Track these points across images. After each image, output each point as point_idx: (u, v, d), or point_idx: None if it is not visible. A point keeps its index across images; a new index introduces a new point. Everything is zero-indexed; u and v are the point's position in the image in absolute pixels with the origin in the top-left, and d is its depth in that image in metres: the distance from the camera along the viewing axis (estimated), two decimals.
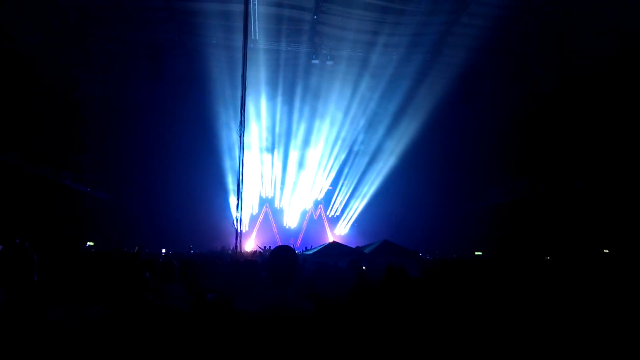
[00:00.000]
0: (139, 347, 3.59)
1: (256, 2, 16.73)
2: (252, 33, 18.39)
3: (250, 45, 16.37)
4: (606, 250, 18.06)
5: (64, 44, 17.96)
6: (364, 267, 9.16)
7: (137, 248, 8.44)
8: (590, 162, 19.88)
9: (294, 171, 27.40)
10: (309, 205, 28.71)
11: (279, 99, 24.38)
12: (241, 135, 14.05)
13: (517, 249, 21.01)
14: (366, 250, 14.82)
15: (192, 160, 24.05)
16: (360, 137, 26.57)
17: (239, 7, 15.58)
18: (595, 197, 18.64)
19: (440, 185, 25.05)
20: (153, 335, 3.70)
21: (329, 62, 20.41)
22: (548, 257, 17.99)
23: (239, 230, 14.29)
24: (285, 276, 2.45)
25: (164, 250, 16.29)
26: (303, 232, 28.03)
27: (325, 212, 29.10)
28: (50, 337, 2.33)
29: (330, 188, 28.46)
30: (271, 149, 27.04)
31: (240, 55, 15.10)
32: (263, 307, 2.32)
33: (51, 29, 16.93)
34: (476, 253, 23.23)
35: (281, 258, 2.48)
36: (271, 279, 2.45)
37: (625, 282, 7.92)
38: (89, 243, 20.38)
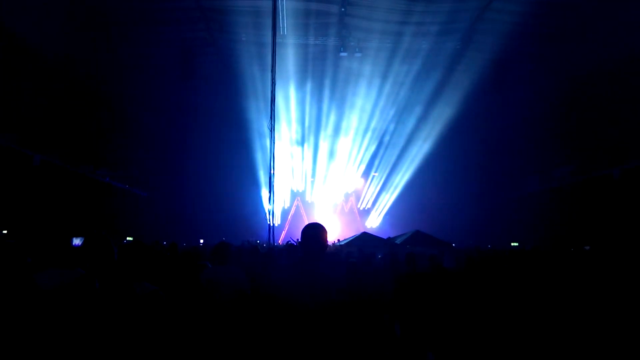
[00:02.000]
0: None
1: None
2: (281, 28, 18.55)
3: (278, 40, 16.56)
4: None
5: (99, 47, 18.62)
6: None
7: (172, 242, 8.83)
8: (630, 150, 19.16)
9: (325, 164, 27.54)
10: (340, 198, 28.80)
11: (308, 92, 24.51)
12: (272, 129, 14.29)
13: (554, 239, 20.49)
14: (397, 241, 14.83)
15: (224, 155, 24.55)
16: (391, 128, 26.40)
17: (267, 4, 15.79)
18: (635, 186, 17.96)
19: (475, 175, 24.62)
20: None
21: (357, 54, 20.37)
22: (587, 247, 17.47)
23: (271, 224, 14.58)
24: (315, 251, 2.60)
25: (202, 241, 16.82)
26: (335, 224, 28.17)
27: (357, 204, 29.14)
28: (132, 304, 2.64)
29: (362, 180, 28.45)
30: (301, 142, 27.25)
31: (269, 50, 15.34)
32: (297, 275, 2.54)
33: (87, 33, 17.57)
34: (512, 244, 22.78)
35: (310, 234, 2.64)
36: (304, 255, 2.64)
37: None
38: (128, 238, 21.10)
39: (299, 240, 2.75)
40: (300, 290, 2.45)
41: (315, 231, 2.66)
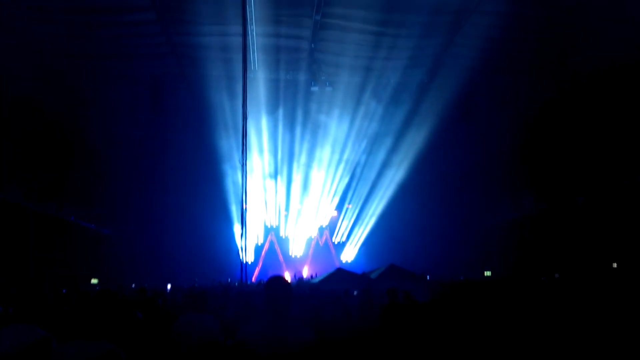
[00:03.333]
0: None
1: (254, 34, 17.07)
2: (252, 63, 18.69)
3: (249, 75, 16.66)
4: (615, 265, 17.79)
5: (66, 81, 18.30)
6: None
7: (141, 287, 8.46)
8: (593, 177, 19.79)
9: (298, 197, 27.36)
10: (314, 232, 28.54)
11: (280, 126, 24.57)
12: (244, 163, 14.14)
13: (525, 267, 20.71)
14: (372, 276, 14.65)
15: (195, 191, 24.09)
16: (363, 161, 26.60)
17: (237, 40, 15.89)
18: (600, 212, 18.47)
19: (446, 205, 24.90)
20: None
21: (328, 89, 20.66)
22: (557, 275, 17.70)
23: (244, 262, 14.21)
24: (281, 305, 2.49)
25: (169, 286, 16.11)
26: (309, 259, 27.77)
27: (331, 238, 28.91)
28: None
29: (336, 213, 28.34)
30: (274, 176, 27.08)
31: (240, 85, 15.36)
32: (262, 336, 2.40)
33: (53, 66, 17.26)
34: (485, 273, 22.89)
35: (275, 287, 2.53)
36: (268, 308, 2.51)
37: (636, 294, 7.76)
38: (93, 281, 20.21)
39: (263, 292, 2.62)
40: (268, 353, 2.32)
41: (280, 283, 2.58)
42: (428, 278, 17.15)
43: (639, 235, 16.13)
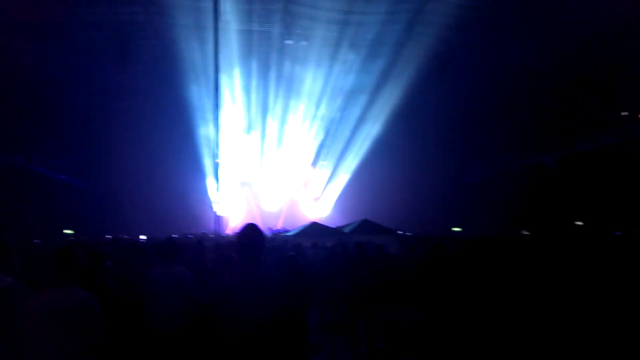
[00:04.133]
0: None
1: None
2: (223, 13, 17.94)
3: (221, 26, 16.04)
4: (579, 223, 18.61)
5: (30, 30, 17.28)
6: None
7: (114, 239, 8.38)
8: (567, 139, 20.32)
9: (273, 153, 27.21)
10: (289, 187, 28.62)
11: (254, 81, 24.02)
12: (216, 117, 13.87)
13: (495, 225, 21.43)
14: (346, 230, 14.91)
15: (166, 143, 23.57)
16: (338, 118, 26.46)
17: None
18: (568, 173, 19.10)
19: (418, 163, 25.23)
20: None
21: (303, 43, 20.14)
22: (525, 232, 18.42)
23: (217, 214, 14.23)
24: (253, 254, 2.52)
25: (142, 237, 16.05)
26: (284, 214, 27.98)
27: (306, 193, 29.09)
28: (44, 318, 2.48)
29: (311, 168, 28.39)
30: (248, 130, 26.73)
31: (211, 36, 14.80)
32: (235, 284, 2.43)
33: (16, 16, 16.23)
34: (454, 229, 23.60)
35: (247, 237, 2.55)
36: (240, 257, 2.56)
37: (596, 250, 8.18)
38: (66, 231, 19.97)
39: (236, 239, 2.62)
40: (241, 301, 2.36)
41: (253, 232, 2.57)
42: (400, 233, 17.57)
43: (603, 196, 16.83)
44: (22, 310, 2.54)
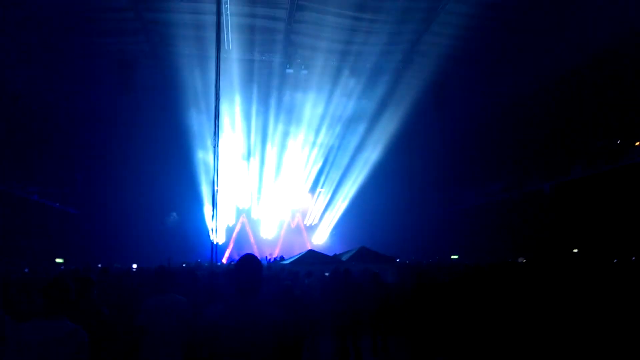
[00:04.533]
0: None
1: (228, 13, 16.70)
2: (225, 43, 18.33)
3: (223, 55, 16.34)
4: (575, 250, 18.58)
5: (32, 58, 17.55)
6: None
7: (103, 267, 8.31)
8: (559, 166, 20.49)
9: (271, 180, 27.28)
10: (286, 215, 28.58)
11: (254, 108, 24.31)
12: (215, 145, 13.97)
13: (491, 252, 21.38)
14: (343, 258, 14.83)
15: (165, 171, 23.67)
16: (336, 145, 26.69)
17: (211, 19, 15.54)
18: (564, 200, 19.18)
19: (416, 191, 25.36)
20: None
21: (304, 72, 20.50)
22: (522, 259, 18.36)
23: (214, 242, 14.15)
24: (250, 285, 2.45)
25: (134, 266, 15.87)
26: (281, 242, 27.85)
27: (303, 220, 29.03)
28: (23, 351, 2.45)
29: (309, 196, 28.41)
30: (247, 158, 26.89)
31: (213, 65, 15.07)
32: (231, 316, 2.35)
33: (20, 43, 16.51)
34: (452, 257, 23.53)
35: (245, 268, 2.48)
36: (237, 289, 2.46)
37: (593, 278, 8.16)
38: (57, 260, 19.76)
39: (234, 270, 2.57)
40: (236, 335, 2.30)
41: (251, 263, 2.52)
42: (397, 260, 17.49)
43: (598, 223, 16.85)
44: (8, 341, 2.54)
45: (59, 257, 19.98)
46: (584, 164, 19.25)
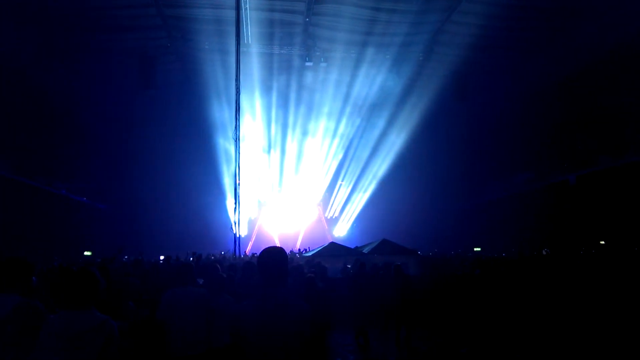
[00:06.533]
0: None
1: (247, 7, 16.75)
2: (245, 37, 18.40)
3: (243, 49, 16.42)
4: (602, 242, 18.15)
5: (56, 55, 17.92)
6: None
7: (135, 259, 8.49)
8: (585, 157, 19.99)
9: (292, 173, 27.40)
10: (307, 207, 28.69)
11: (275, 101, 24.39)
12: (237, 138, 14.09)
13: (515, 244, 21.06)
14: (365, 250, 14.83)
15: (188, 164, 23.98)
16: (357, 138, 26.59)
17: (230, 13, 15.62)
18: (590, 192, 18.73)
19: (438, 182, 25.08)
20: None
21: (323, 64, 20.43)
22: (546, 251, 18.04)
23: (237, 235, 14.31)
24: (276, 277, 2.42)
25: (162, 257, 16.20)
26: (302, 234, 27.99)
27: (324, 213, 29.10)
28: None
29: (331, 187, 28.44)
30: (268, 152, 27.04)
31: (233, 58, 15.17)
32: (258, 308, 2.36)
33: (43, 40, 16.88)
34: (475, 249, 23.26)
35: (270, 259, 2.45)
36: (263, 281, 2.44)
37: (620, 270, 7.98)
38: (86, 253, 20.29)
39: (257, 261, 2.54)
40: (263, 329, 2.31)
41: (275, 255, 2.49)
42: (419, 253, 17.39)
43: (626, 214, 16.42)
44: (40, 331, 2.52)
45: (88, 250, 20.52)
46: (611, 154, 18.73)
